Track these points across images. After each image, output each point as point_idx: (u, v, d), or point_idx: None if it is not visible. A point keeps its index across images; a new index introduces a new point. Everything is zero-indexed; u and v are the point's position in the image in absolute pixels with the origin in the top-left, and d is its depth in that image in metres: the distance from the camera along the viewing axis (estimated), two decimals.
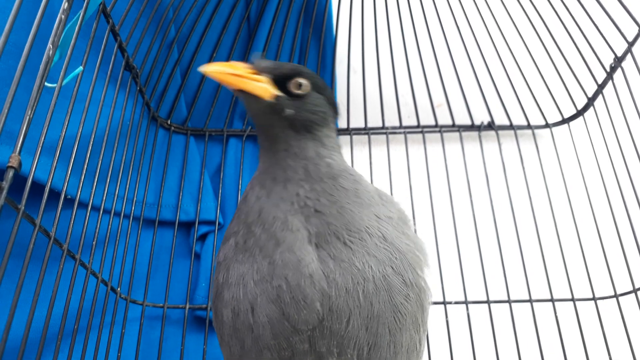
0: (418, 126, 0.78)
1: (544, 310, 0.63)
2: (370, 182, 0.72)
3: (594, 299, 0.62)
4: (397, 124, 0.79)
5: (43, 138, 0.36)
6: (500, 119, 0.78)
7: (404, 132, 0.78)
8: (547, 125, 0.77)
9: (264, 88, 0.38)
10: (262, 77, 0.39)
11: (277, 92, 0.39)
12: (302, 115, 0.39)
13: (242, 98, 0.39)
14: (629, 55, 0.61)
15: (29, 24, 0.35)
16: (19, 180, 0.33)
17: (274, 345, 0.35)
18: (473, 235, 0.68)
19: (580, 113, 0.74)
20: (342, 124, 0.80)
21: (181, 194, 0.70)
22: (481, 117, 0.79)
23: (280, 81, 0.39)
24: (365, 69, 0.78)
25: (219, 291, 0.39)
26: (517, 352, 0.60)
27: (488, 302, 0.64)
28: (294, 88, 0.39)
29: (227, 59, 0.76)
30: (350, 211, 0.37)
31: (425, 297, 0.38)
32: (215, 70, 0.37)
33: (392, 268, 0.36)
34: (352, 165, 0.76)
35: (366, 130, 0.78)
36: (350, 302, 0.34)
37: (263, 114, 0.39)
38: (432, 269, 0.40)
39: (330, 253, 0.35)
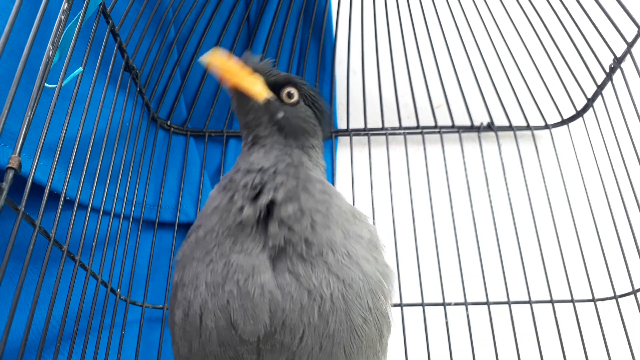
0: (417, 127, 0.78)
1: (543, 312, 0.63)
2: (370, 183, 0.72)
3: (593, 300, 0.62)
4: (396, 124, 0.79)
5: (43, 139, 0.36)
6: (499, 120, 0.78)
7: (404, 133, 0.78)
8: (546, 126, 0.77)
9: (259, 89, 0.39)
10: (257, 79, 0.40)
11: (269, 95, 0.40)
12: (293, 121, 0.40)
13: (233, 95, 0.40)
14: (628, 56, 0.61)
15: (30, 24, 0.35)
16: (19, 181, 0.33)
17: (219, 353, 0.34)
18: (472, 236, 0.68)
19: (579, 114, 0.75)
20: (341, 124, 0.80)
21: (181, 195, 0.70)
22: (481, 118, 0.79)
23: (272, 86, 0.41)
24: (364, 69, 0.78)
25: (174, 291, 0.39)
26: (516, 354, 0.60)
27: (487, 303, 0.64)
28: (285, 96, 0.41)
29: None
30: (316, 224, 0.35)
31: (384, 324, 0.37)
32: (215, 62, 0.38)
33: (353, 288, 0.34)
34: (352, 166, 0.76)
35: (366, 131, 0.78)
36: (305, 318, 0.33)
37: (254, 113, 0.40)
38: (394, 301, 0.39)
39: (288, 266, 0.34)
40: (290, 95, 0.41)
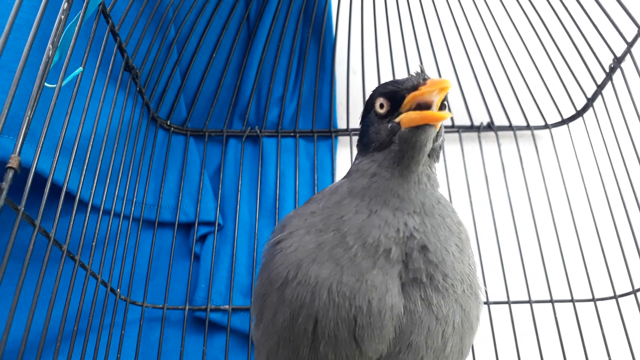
0: None
1: (543, 312, 0.63)
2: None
3: (593, 300, 0.62)
4: None
5: (42, 139, 0.36)
6: (499, 120, 0.78)
7: None
8: (546, 126, 0.77)
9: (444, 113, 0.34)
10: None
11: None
12: (440, 145, 0.40)
13: (409, 130, 0.35)
14: (628, 56, 0.61)
15: (30, 24, 0.35)
16: (19, 181, 0.33)
17: None
18: (472, 236, 0.68)
19: (579, 114, 0.74)
20: (341, 124, 0.80)
21: (181, 194, 0.70)
22: (480, 118, 0.79)
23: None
24: (364, 69, 0.78)
25: (279, 287, 0.36)
26: (516, 353, 0.60)
27: (488, 303, 0.64)
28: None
29: (227, 60, 0.76)
30: (452, 256, 0.37)
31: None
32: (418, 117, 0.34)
33: (469, 317, 0.37)
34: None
35: None
36: (430, 341, 0.35)
37: (428, 142, 0.35)
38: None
39: (421, 294, 0.35)
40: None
